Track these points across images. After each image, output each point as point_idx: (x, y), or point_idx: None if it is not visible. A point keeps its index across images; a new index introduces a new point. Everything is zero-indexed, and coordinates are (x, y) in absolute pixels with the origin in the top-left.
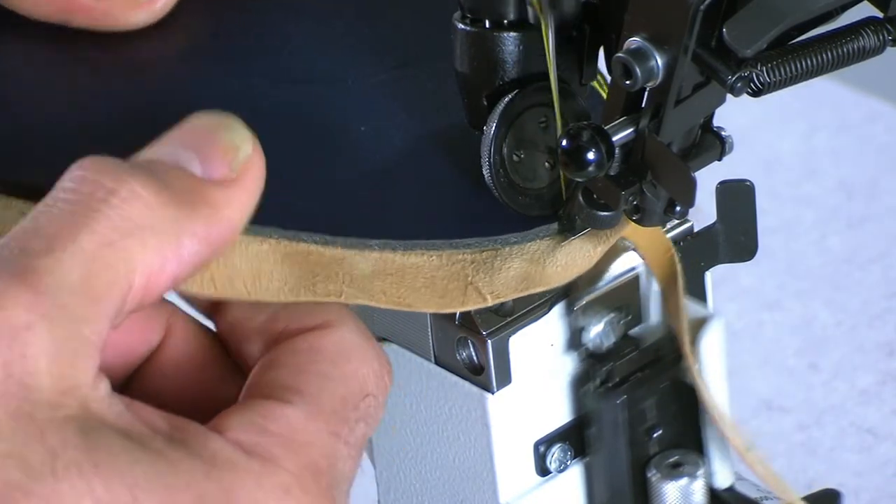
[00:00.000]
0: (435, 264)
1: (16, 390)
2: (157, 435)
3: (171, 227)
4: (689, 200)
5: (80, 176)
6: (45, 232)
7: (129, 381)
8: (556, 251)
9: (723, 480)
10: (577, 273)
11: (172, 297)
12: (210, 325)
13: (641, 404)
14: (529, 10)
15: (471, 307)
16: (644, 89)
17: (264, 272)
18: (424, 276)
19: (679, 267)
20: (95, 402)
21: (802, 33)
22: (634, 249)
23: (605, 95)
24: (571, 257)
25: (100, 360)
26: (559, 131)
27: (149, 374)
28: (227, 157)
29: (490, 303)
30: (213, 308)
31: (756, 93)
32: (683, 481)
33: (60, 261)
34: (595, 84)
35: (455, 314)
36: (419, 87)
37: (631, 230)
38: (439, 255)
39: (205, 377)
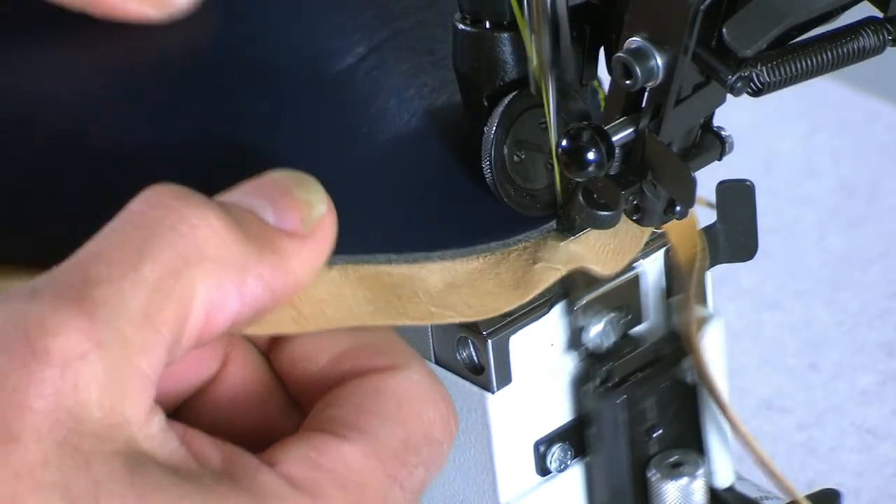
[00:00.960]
0: (492, 261)
1: (65, 420)
2: (206, 470)
3: (237, 263)
4: (689, 200)
5: (151, 199)
6: (108, 257)
7: (184, 407)
8: (602, 235)
9: (723, 480)
10: (630, 258)
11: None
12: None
13: (641, 404)
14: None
15: (548, 283)
16: (644, 89)
17: (345, 296)
18: (491, 277)
19: (703, 245)
20: (146, 436)
21: (802, 33)
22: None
23: (602, 99)
24: (620, 240)
25: (154, 392)
26: (552, 133)
27: (204, 402)
28: (301, 211)
29: (564, 271)
30: (272, 345)
31: (756, 93)
32: (683, 481)
33: (121, 290)
34: (596, 84)
35: None
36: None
37: None
38: (493, 252)
39: (261, 410)
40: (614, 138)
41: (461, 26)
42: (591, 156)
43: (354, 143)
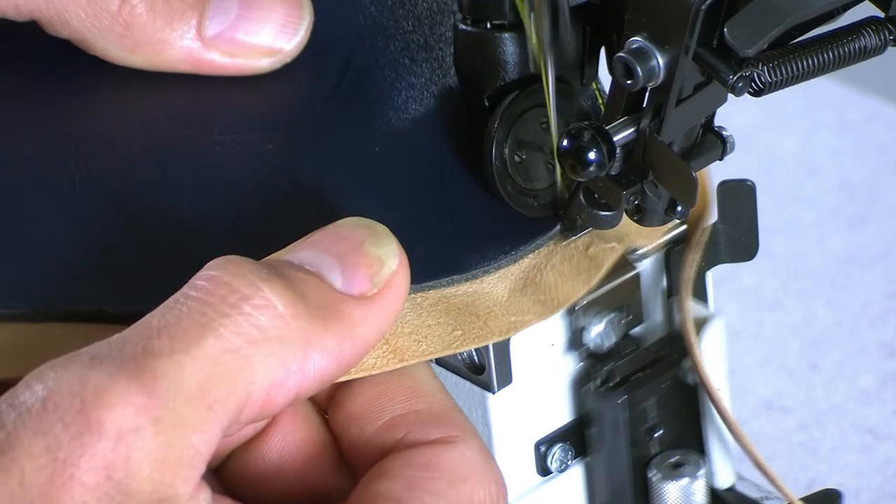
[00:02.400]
0: (545, 255)
1: (114, 493)
2: None
3: (300, 341)
4: (690, 200)
5: (214, 277)
6: (170, 331)
7: (233, 457)
8: None
9: (724, 480)
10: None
11: None
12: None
13: (642, 404)
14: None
15: (610, 263)
16: (645, 89)
17: (432, 326)
18: (549, 271)
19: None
20: None
21: (803, 33)
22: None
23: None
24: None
25: (204, 468)
26: (554, 133)
27: (253, 455)
28: (371, 270)
29: (621, 249)
30: (329, 401)
31: (757, 93)
32: (684, 481)
33: (181, 364)
34: (595, 87)
35: None
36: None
37: None
38: (542, 247)
39: (310, 467)
40: (615, 138)
41: (462, 26)
42: (592, 156)
43: (376, 167)
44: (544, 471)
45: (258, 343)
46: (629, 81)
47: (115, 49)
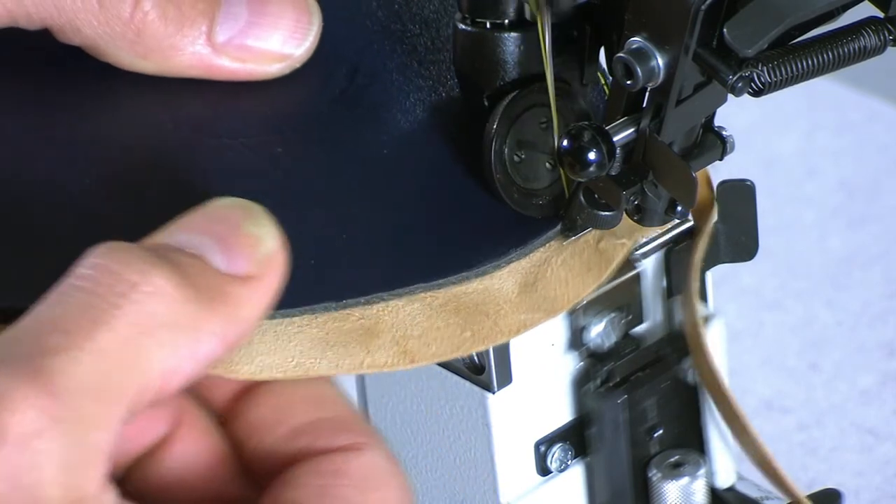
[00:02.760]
0: (555, 250)
1: (24, 501)
2: None
3: (190, 325)
4: (690, 200)
5: (100, 265)
6: (61, 325)
7: (134, 469)
8: None
9: (724, 480)
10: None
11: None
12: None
13: (642, 404)
14: (526, 8)
15: (619, 259)
16: (645, 89)
17: (441, 328)
18: (559, 266)
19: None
20: None
21: (803, 33)
22: None
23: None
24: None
25: (109, 466)
26: (556, 132)
27: (155, 465)
28: (251, 251)
29: (630, 244)
30: (230, 410)
31: (757, 93)
32: (684, 481)
33: (77, 360)
34: (600, 77)
35: None
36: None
37: None
38: (552, 241)
39: (212, 477)
40: (615, 138)
41: (462, 26)
42: (592, 156)
43: (385, 169)
44: (544, 470)
45: (151, 331)
46: (629, 82)
47: (126, 55)
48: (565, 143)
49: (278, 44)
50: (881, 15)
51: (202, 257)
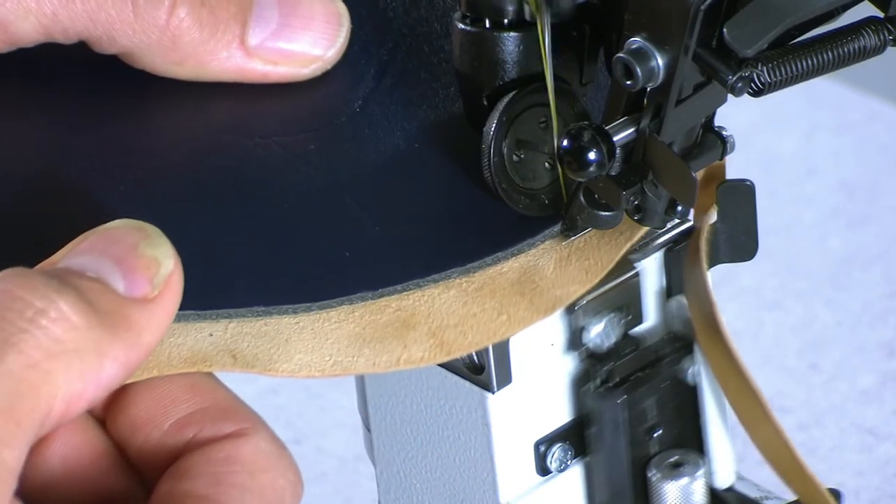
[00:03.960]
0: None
1: None
2: None
3: (94, 351)
4: (689, 200)
5: (5, 291)
6: None
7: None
8: None
9: (723, 480)
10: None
11: None
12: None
13: (642, 404)
14: (526, 8)
15: (627, 246)
16: (645, 89)
17: (478, 314)
18: (590, 234)
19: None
20: None
21: (803, 33)
22: None
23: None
24: None
25: (16, 483)
26: (555, 132)
27: (35, 464)
28: (149, 272)
29: (636, 239)
30: (108, 408)
31: (757, 93)
32: (684, 481)
33: None
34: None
35: None
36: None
37: None
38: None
39: (95, 474)
40: (615, 138)
41: (461, 26)
42: (592, 156)
43: (417, 163)
44: (544, 470)
45: (57, 356)
46: (629, 82)
47: (161, 62)
48: (565, 142)
49: (310, 46)
50: (881, 15)
51: (102, 280)
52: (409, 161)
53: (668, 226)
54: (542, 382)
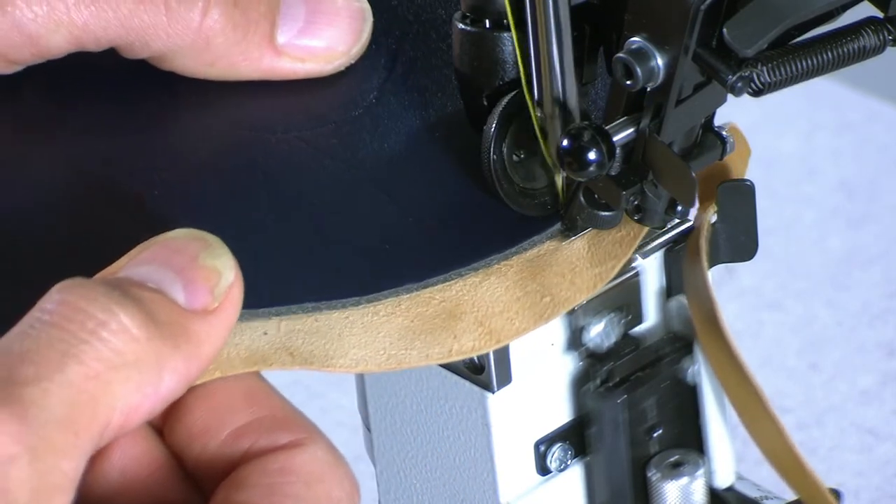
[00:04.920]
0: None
1: None
2: None
3: (154, 363)
4: (689, 200)
5: (67, 302)
6: (32, 358)
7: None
8: None
9: (723, 480)
10: None
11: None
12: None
13: (642, 404)
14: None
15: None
16: (645, 89)
17: (519, 298)
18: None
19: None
20: None
21: (803, 33)
22: None
23: None
24: None
25: (74, 493)
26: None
27: (94, 477)
28: (210, 283)
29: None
30: (167, 418)
31: (757, 93)
32: (684, 481)
33: (48, 391)
34: None
35: None
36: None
37: None
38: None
39: (155, 485)
40: (615, 138)
41: (461, 26)
42: (591, 156)
43: (439, 150)
44: (544, 470)
45: (117, 368)
46: (629, 82)
47: (193, 64)
48: (565, 142)
49: (335, 42)
50: (881, 15)
51: (163, 291)
52: (433, 149)
53: (668, 226)
54: (542, 382)
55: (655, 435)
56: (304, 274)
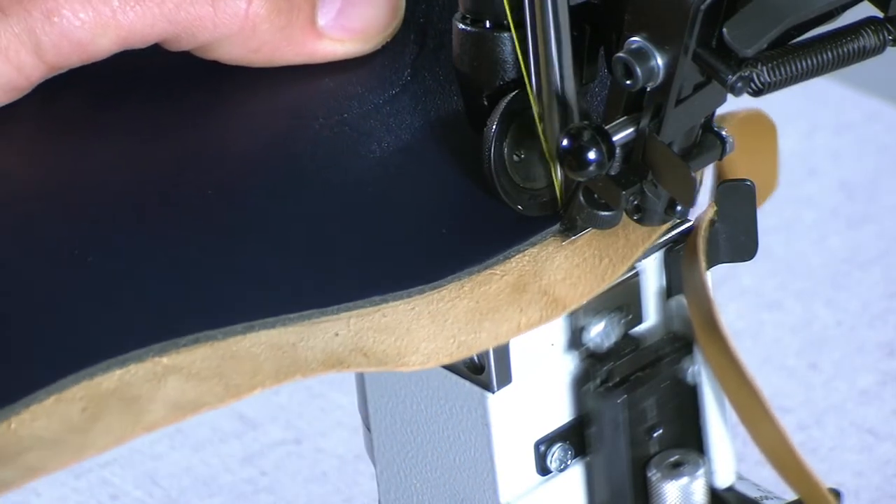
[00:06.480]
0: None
1: None
2: None
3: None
4: (689, 200)
5: None
6: None
7: None
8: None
9: (723, 480)
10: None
11: None
12: None
13: (642, 404)
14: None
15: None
16: (645, 89)
17: (578, 263)
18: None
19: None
20: None
21: (803, 33)
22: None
23: None
24: None
25: None
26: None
27: None
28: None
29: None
30: None
31: (756, 93)
32: (684, 481)
33: None
34: None
35: None
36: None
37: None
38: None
39: None
40: (615, 138)
41: (461, 26)
42: (591, 155)
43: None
44: (544, 470)
45: None
46: (629, 82)
47: (239, 52)
48: (565, 142)
49: (373, 20)
50: (881, 15)
51: None
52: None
53: (668, 225)
54: (542, 382)
55: (655, 435)
56: (368, 266)
